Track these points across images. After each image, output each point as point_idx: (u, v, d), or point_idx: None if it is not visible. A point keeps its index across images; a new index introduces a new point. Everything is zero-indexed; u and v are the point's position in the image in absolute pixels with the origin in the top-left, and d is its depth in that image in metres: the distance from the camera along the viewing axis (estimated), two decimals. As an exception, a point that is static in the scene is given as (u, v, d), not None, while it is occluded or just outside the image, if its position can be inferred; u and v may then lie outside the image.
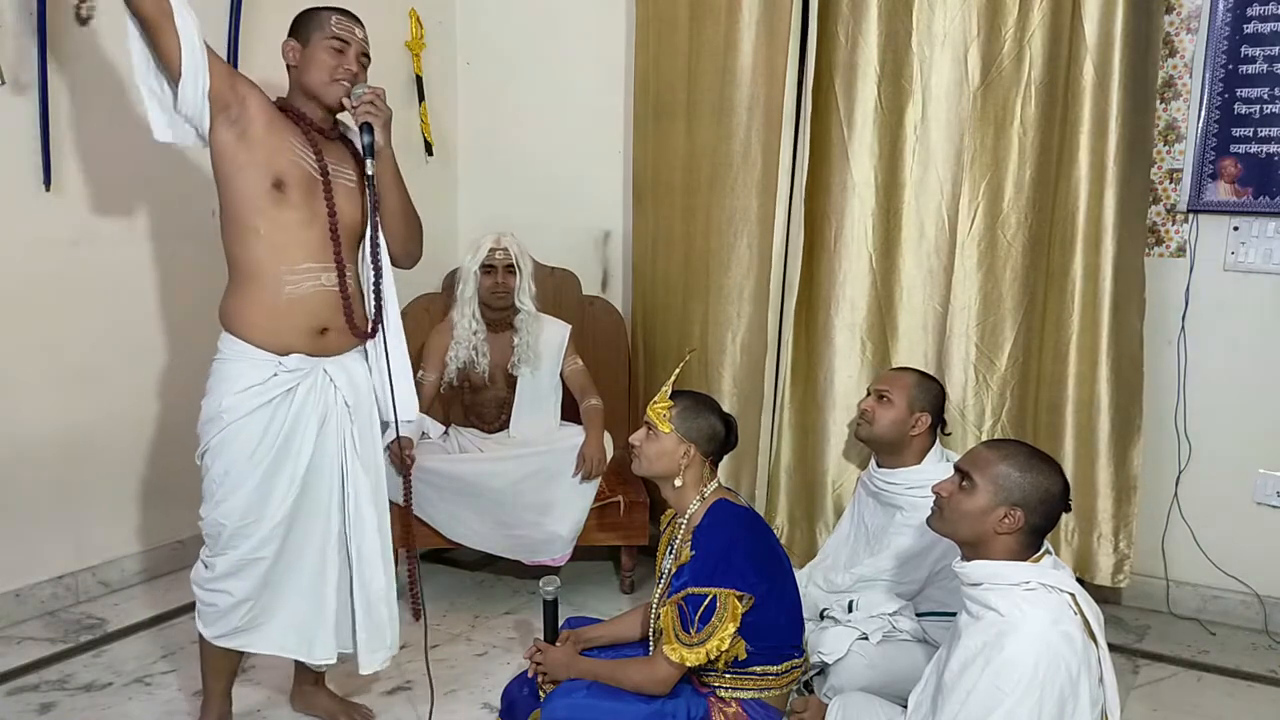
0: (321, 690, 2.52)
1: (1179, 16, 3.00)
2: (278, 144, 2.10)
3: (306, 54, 2.16)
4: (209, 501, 2.16)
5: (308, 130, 2.17)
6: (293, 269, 2.12)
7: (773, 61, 3.10)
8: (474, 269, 3.16)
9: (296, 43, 2.17)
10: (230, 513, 2.14)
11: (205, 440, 2.14)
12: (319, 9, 2.20)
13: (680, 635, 1.99)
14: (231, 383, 2.11)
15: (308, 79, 2.16)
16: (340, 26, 2.17)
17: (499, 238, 3.18)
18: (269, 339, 2.12)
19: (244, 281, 2.13)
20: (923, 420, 2.61)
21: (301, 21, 2.20)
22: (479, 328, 3.19)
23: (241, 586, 2.18)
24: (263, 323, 2.12)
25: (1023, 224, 2.91)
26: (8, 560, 2.92)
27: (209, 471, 2.15)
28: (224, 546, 2.16)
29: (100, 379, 3.07)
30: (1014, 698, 1.69)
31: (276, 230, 2.10)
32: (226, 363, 2.13)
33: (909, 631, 2.51)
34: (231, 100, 2.06)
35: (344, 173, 2.22)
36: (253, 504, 2.15)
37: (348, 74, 2.16)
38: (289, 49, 2.18)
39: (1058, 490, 1.84)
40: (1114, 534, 2.99)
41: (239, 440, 2.12)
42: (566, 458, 3.09)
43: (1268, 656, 2.98)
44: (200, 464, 2.18)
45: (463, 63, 4.10)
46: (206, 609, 2.21)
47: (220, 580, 2.18)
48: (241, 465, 2.13)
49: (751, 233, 3.18)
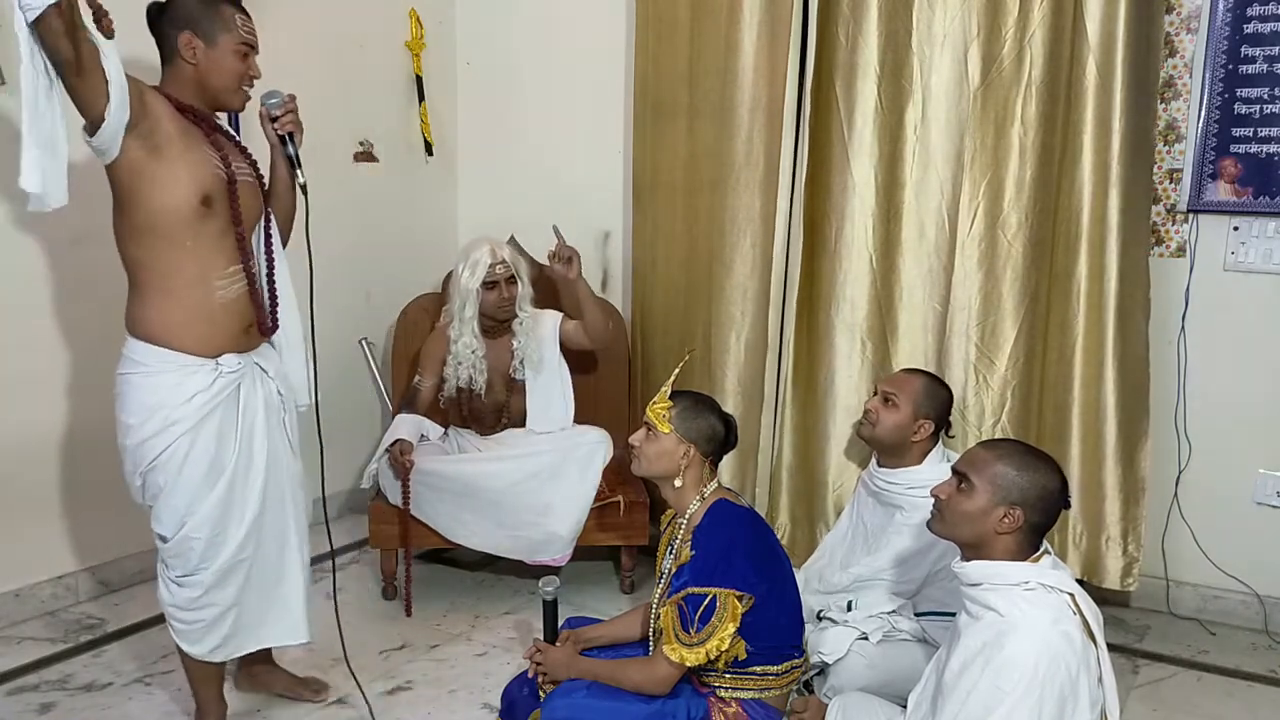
0: (274, 668, 2.56)
1: (1179, 16, 3.00)
2: (196, 158, 2.03)
3: (210, 55, 2.06)
4: (169, 521, 2.11)
5: (210, 133, 2.10)
6: (221, 274, 2.10)
7: (773, 61, 3.10)
8: (474, 287, 3.11)
9: (197, 39, 2.05)
10: (201, 525, 2.11)
11: (149, 458, 2.06)
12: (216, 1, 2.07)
13: (680, 635, 1.99)
14: (168, 393, 2.05)
15: (212, 81, 2.08)
16: (247, 29, 2.11)
17: (494, 249, 3.13)
18: (201, 345, 2.08)
19: (168, 291, 2.06)
20: (925, 427, 2.61)
21: (199, 14, 2.05)
22: (478, 345, 3.16)
23: (227, 595, 2.17)
24: (196, 329, 2.07)
25: (1023, 224, 2.91)
26: (8, 560, 2.92)
27: (162, 489, 2.09)
28: (201, 561, 2.13)
29: (100, 379, 3.03)
30: (1014, 697, 1.69)
31: (203, 243, 2.06)
32: (155, 375, 2.06)
33: (908, 631, 2.51)
34: (141, 116, 1.94)
35: (242, 169, 2.16)
36: (225, 510, 2.12)
37: (252, 81, 2.13)
38: (189, 44, 2.04)
39: (1056, 487, 1.84)
40: (1122, 537, 2.98)
41: (195, 452, 2.07)
42: (567, 458, 3.08)
43: (1268, 656, 2.98)
44: (139, 484, 2.12)
45: (463, 63, 4.10)
46: (190, 628, 2.18)
47: (205, 595, 2.15)
48: (202, 475, 2.09)
49: (755, 232, 3.18)
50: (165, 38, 2.07)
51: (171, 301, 2.05)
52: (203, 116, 2.10)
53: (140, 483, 2.12)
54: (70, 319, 2.98)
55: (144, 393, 2.06)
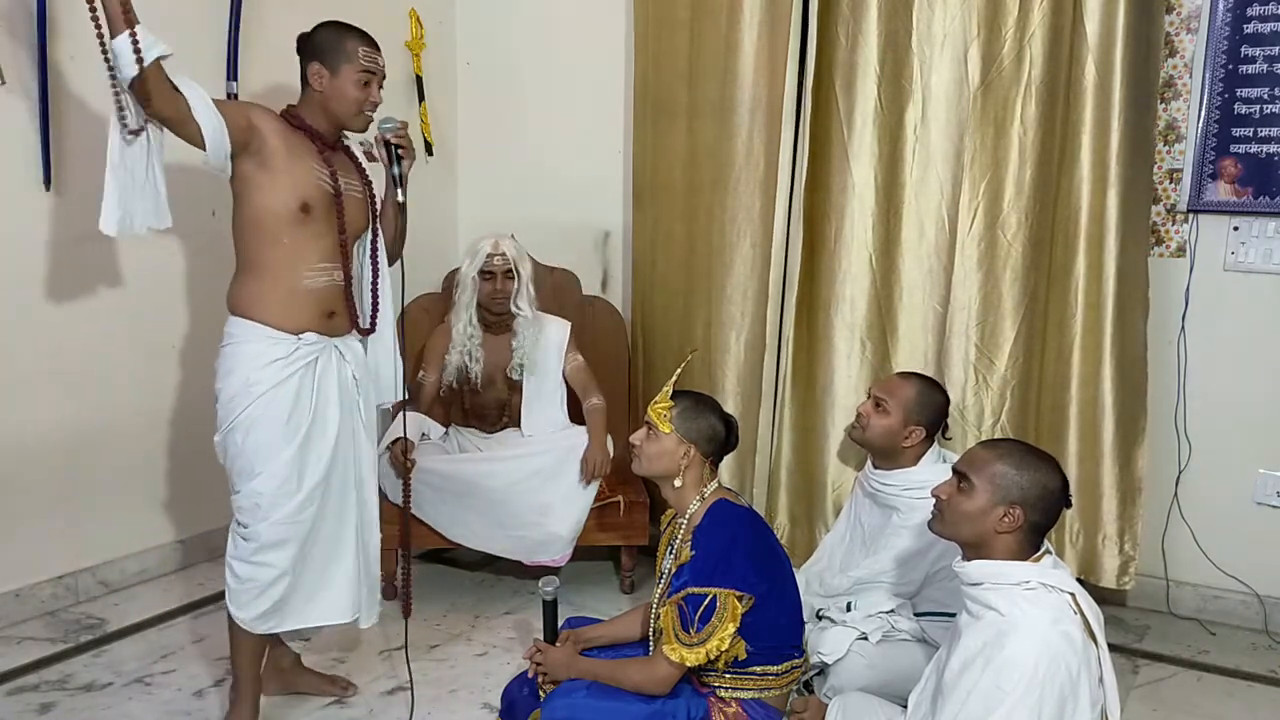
0: (302, 668, 2.61)
1: (1179, 16, 3.00)
2: (300, 171, 2.24)
3: (334, 84, 2.27)
4: (242, 476, 2.25)
5: (321, 149, 2.30)
6: (311, 267, 2.28)
7: (773, 61, 3.10)
8: (472, 274, 3.15)
9: (324, 69, 2.27)
10: (269, 481, 2.23)
11: (231, 418, 2.23)
12: (343, 33, 2.29)
13: (680, 635, 1.99)
14: (253, 360, 2.22)
15: (334, 107, 2.29)
16: (368, 59, 2.30)
17: (497, 241, 3.16)
18: (285, 321, 2.26)
19: (261, 275, 2.26)
20: (916, 433, 2.60)
21: (327, 46, 2.27)
22: (474, 332, 3.19)
23: (282, 557, 2.26)
24: (280, 307, 2.25)
25: (1023, 224, 2.91)
26: (8, 560, 2.92)
27: (239, 448, 2.23)
28: (264, 515, 2.24)
29: (100, 379, 3.07)
30: (1014, 697, 1.69)
31: (299, 240, 2.26)
32: (242, 344, 2.24)
33: (908, 631, 2.51)
34: (250, 138, 2.18)
35: (351, 184, 2.37)
36: (291, 471, 2.25)
37: (373, 106, 2.32)
38: (316, 74, 2.27)
39: (1056, 486, 1.84)
40: (1119, 536, 2.98)
41: (270, 411, 2.22)
42: (566, 458, 3.09)
43: (1268, 656, 2.98)
44: (221, 445, 2.27)
45: (463, 63, 4.10)
46: (243, 587, 2.27)
47: (262, 552, 2.25)
48: (275, 435, 2.23)
49: (755, 232, 3.18)
50: (301, 67, 2.30)
51: (265, 284, 2.26)
52: (318, 135, 2.30)
53: (222, 441, 2.27)
54: (71, 319, 2.97)
55: (233, 360, 2.25)
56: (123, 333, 3.11)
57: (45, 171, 2.84)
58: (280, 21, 3.40)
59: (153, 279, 3.16)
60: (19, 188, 2.82)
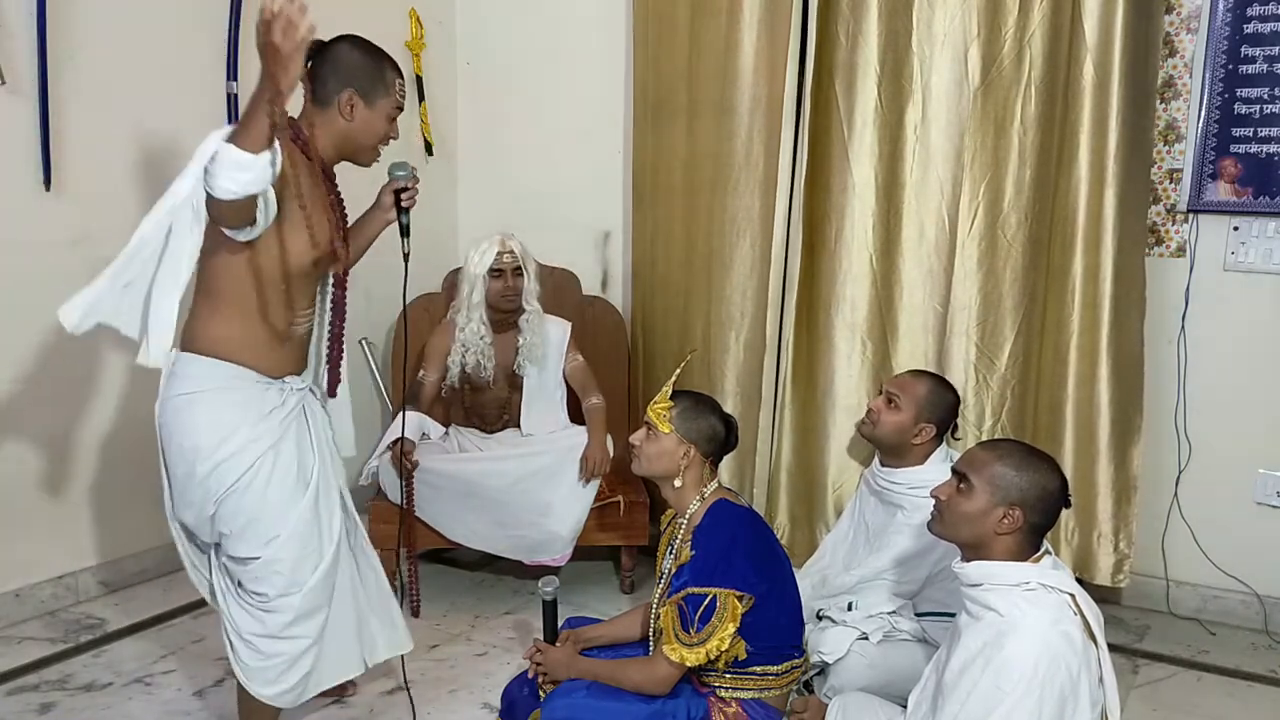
0: None
1: (1179, 16, 3.00)
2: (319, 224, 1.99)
3: (368, 116, 2.06)
4: (254, 540, 1.99)
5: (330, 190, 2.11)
6: (297, 314, 2.10)
7: (773, 61, 3.10)
8: (481, 273, 3.12)
9: (359, 99, 2.04)
10: (289, 543, 2.01)
11: (229, 482, 1.96)
12: (381, 61, 2.09)
13: (680, 635, 1.99)
14: (245, 410, 1.99)
15: (358, 138, 2.07)
16: (402, 93, 2.12)
17: (503, 240, 3.15)
18: (274, 367, 2.06)
19: (245, 316, 2.01)
20: (926, 431, 2.61)
21: (365, 73, 2.05)
22: (486, 332, 3.17)
23: (314, 627, 2.07)
24: (266, 352, 2.03)
25: (1023, 224, 2.91)
26: (8, 560, 2.92)
27: (241, 508, 1.97)
28: (290, 585, 2.02)
29: (100, 379, 3.07)
30: (1014, 698, 1.69)
31: (296, 285, 2.05)
32: (230, 391, 1.99)
33: (909, 631, 2.51)
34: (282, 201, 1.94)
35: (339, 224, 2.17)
36: (311, 527, 2.04)
37: (389, 141, 2.14)
38: (349, 102, 2.03)
39: (1055, 487, 1.84)
40: (1114, 534, 2.98)
41: (280, 464, 2.00)
42: (566, 458, 3.09)
43: (1268, 656, 2.98)
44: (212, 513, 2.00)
45: (463, 63, 4.10)
46: (270, 664, 2.03)
47: (294, 625, 2.03)
48: (289, 489, 2.01)
49: (754, 232, 3.18)
50: (324, 84, 2.04)
51: (241, 323, 2.00)
52: (329, 175, 2.10)
53: (214, 511, 1.99)
54: (70, 319, 2.97)
55: (219, 410, 1.98)
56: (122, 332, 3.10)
57: (45, 172, 2.84)
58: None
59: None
60: (19, 188, 2.82)
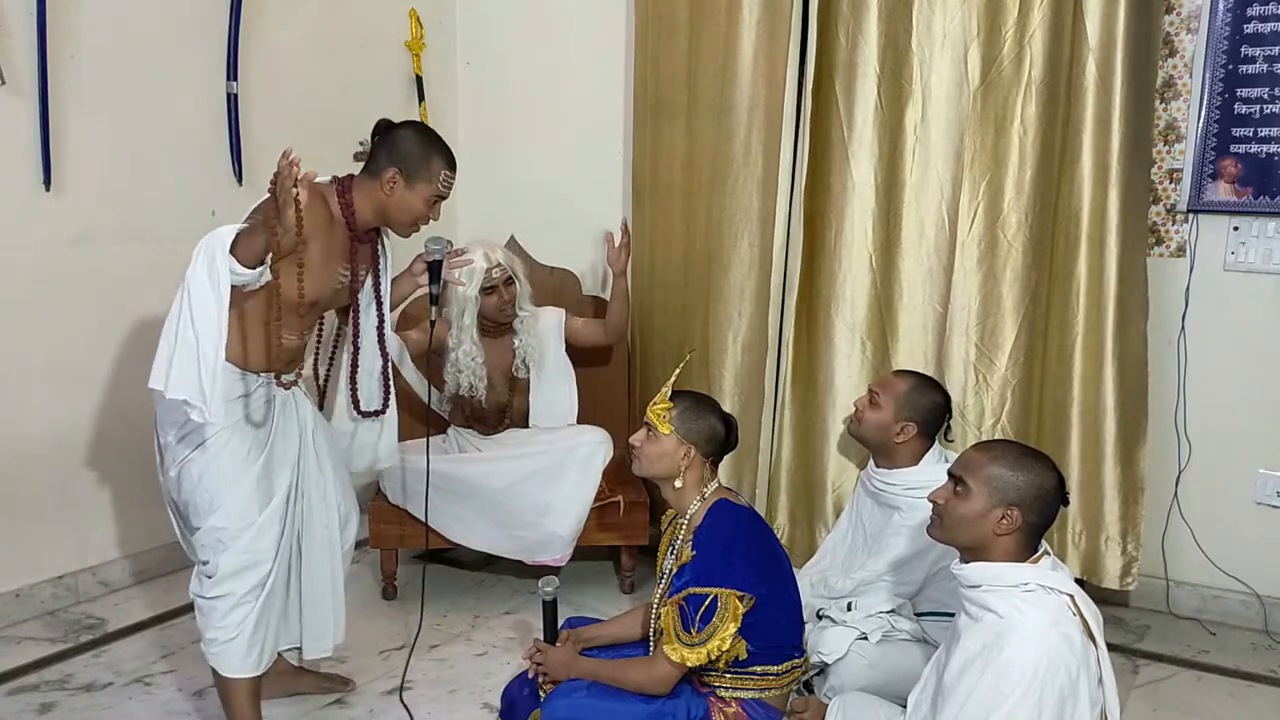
0: (300, 669, 2.60)
1: (1179, 16, 3.00)
2: (326, 275, 2.21)
3: (405, 195, 2.23)
4: (201, 513, 2.16)
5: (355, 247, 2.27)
6: (292, 331, 2.24)
7: (773, 61, 3.10)
8: (473, 294, 3.07)
9: (400, 179, 2.21)
10: (229, 516, 2.16)
11: (186, 453, 2.15)
12: (432, 150, 2.25)
13: (681, 635, 1.99)
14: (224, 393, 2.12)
15: (392, 212, 2.25)
16: (446, 185, 2.28)
17: (486, 254, 3.07)
18: (254, 364, 2.21)
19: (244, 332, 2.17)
20: (908, 429, 2.60)
21: (411, 157, 2.22)
22: (478, 353, 3.12)
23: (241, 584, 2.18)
24: (252, 353, 2.19)
25: (1023, 224, 2.91)
26: (8, 560, 2.93)
27: (197, 483, 2.15)
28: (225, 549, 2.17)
29: (100, 379, 3.07)
30: (1014, 699, 1.69)
31: (289, 316, 2.19)
32: None
33: (908, 631, 2.51)
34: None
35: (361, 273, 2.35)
36: (251, 503, 2.18)
37: (427, 221, 2.31)
38: (390, 180, 2.21)
39: (1052, 485, 1.84)
40: (1121, 536, 2.97)
41: (230, 446, 2.15)
42: (567, 458, 3.08)
43: (1268, 656, 2.98)
44: (173, 480, 2.18)
45: (463, 63, 4.10)
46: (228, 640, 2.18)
47: (223, 582, 2.17)
48: (236, 469, 2.16)
49: (753, 232, 3.18)
50: (377, 158, 2.24)
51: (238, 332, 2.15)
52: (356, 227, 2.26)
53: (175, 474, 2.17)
54: (70, 319, 2.98)
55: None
56: (122, 332, 3.11)
57: (45, 172, 2.84)
58: (280, 21, 3.40)
59: (152, 279, 3.15)
60: (19, 188, 2.82)
